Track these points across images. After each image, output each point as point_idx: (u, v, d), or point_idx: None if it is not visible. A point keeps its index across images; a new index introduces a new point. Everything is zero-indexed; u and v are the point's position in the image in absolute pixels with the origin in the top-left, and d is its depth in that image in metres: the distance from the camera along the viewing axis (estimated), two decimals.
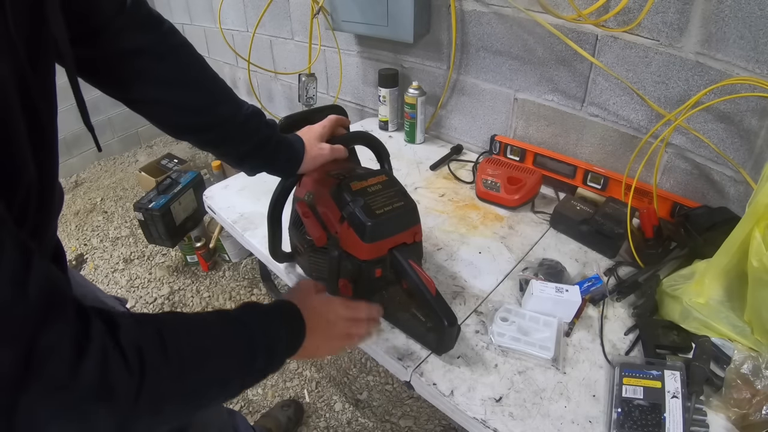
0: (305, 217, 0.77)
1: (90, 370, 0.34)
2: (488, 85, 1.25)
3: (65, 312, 0.34)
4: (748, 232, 0.64)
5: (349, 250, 0.73)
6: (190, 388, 0.42)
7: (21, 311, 0.31)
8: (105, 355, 0.35)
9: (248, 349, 0.49)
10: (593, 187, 1.10)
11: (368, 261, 0.72)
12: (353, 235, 0.71)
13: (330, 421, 1.41)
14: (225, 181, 1.23)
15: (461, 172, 1.26)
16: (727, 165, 0.92)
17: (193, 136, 0.67)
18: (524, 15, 1.06)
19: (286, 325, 0.56)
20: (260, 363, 0.50)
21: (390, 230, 0.72)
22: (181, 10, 2.35)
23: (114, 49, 0.56)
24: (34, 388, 0.32)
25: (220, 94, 0.67)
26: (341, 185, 0.73)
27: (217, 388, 0.47)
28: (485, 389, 0.69)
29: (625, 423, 0.62)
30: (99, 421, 0.36)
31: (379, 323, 0.72)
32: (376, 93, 1.44)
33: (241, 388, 0.50)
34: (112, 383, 0.35)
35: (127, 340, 0.37)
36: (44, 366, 0.32)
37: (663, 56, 0.92)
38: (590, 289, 0.83)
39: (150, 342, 0.39)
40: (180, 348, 0.41)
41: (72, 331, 0.34)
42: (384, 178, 0.77)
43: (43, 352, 0.32)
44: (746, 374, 0.64)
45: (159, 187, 1.83)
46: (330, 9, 1.41)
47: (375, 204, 0.71)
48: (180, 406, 0.42)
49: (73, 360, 0.33)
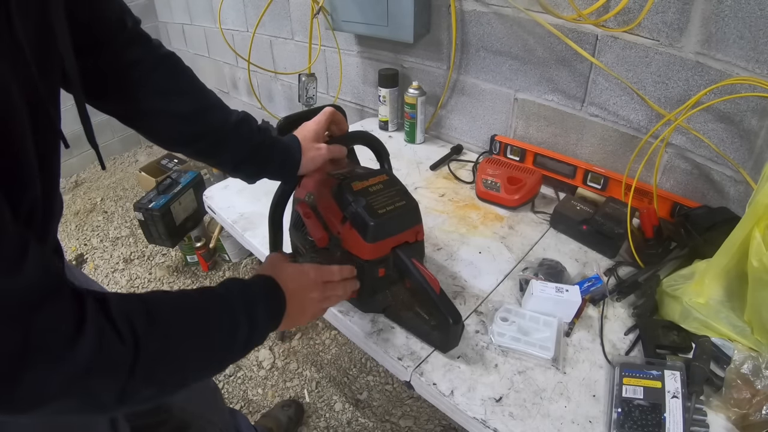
0: (307, 218, 0.77)
1: (87, 344, 0.35)
2: (488, 85, 1.25)
3: (61, 292, 0.36)
4: (748, 232, 0.64)
5: (352, 251, 0.73)
6: (179, 356, 0.44)
7: (19, 292, 0.33)
8: (100, 329, 0.37)
9: (231, 320, 0.50)
10: (593, 187, 1.10)
11: (371, 261, 0.72)
12: (356, 235, 0.71)
13: (330, 421, 1.41)
14: (225, 181, 1.23)
15: (461, 172, 1.26)
16: (727, 165, 0.92)
17: (187, 147, 0.67)
18: (524, 15, 1.06)
19: (266, 292, 0.57)
20: (243, 333, 0.51)
21: (392, 230, 0.73)
22: (181, 10, 2.35)
23: (115, 61, 0.58)
24: (35, 365, 0.33)
25: (210, 101, 0.67)
26: (342, 185, 0.73)
27: (204, 358, 0.48)
28: (485, 389, 0.69)
29: (626, 423, 0.62)
30: (99, 393, 0.38)
31: (354, 282, 0.72)
32: (376, 93, 1.44)
33: (227, 360, 0.52)
34: (109, 354, 0.37)
35: (118, 314, 0.39)
36: (44, 343, 0.34)
37: (663, 56, 0.92)
38: (590, 289, 0.83)
39: (137, 314, 0.41)
40: (166, 319, 0.44)
41: (69, 309, 0.36)
42: (385, 177, 0.77)
43: (42, 330, 0.34)
44: (746, 374, 0.64)
45: (159, 187, 1.83)
46: (330, 9, 1.41)
47: (377, 204, 0.71)
48: (171, 375, 0.44)
49: (71, 336, 0.35)
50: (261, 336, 0.54)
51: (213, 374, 0.55)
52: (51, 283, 0.36)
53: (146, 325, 0.40)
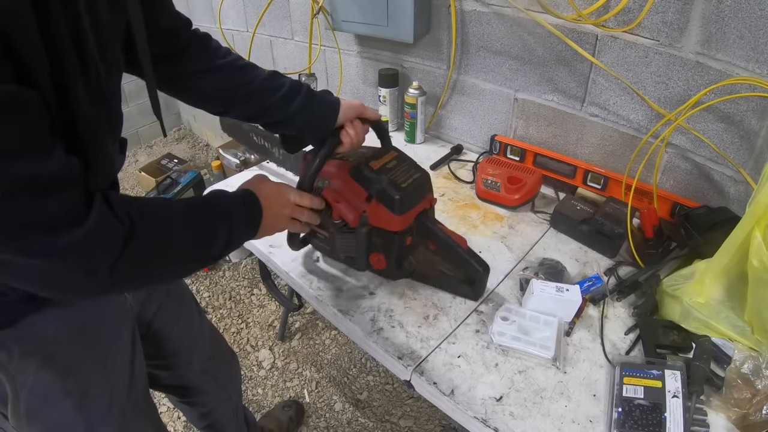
0: (337, 202, 0.80)
1: (91, 222, 0.44)
2: (488, 85, 1.25)
3: (76, 185, 0.45)
4: (748, 232, 0.64)
5: (381, 225, 0.78)
6: (165, 242, 0.53)
7: (44, 176, 0.41)
8: (102, 212, 0.46)
9: (213, 221, 0.58)
10: (593, 187, 1.10)
11: (401, 231, 0.78)
12: (384, 210, 0.76)
13: (330, 421, 1.41)
14: (225, 181, 1.23)
15: (461, 172, 1.26)
16: (727, 165, 0.92)
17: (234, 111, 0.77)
18: (524, 15, 1.06)
19: (246, 203, 0.64)
20: (222, 234, 0.58)
21: (415, 200, 0.79)
22: (181, 10, 2.35)
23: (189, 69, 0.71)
24: (48, 230, 0.42)
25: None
26: (361, 166, 0.77)
27: (187, 250, 0.56)
28: (486, 388, 0.69)
29: (626, 422, 0.62)
30: (95, 261, 0.45)
31: (317, 217, 0.77)
32: (376, 93, 1.44)
33: (207, 257, 0.59)
34: (108, 230, 0.46)
35: (117, 204, 0.48)
36: (57, 216, 0.42)
37: (663, 56, 0.92)
38: (590, 289, 0.83)
39: (133, 206, 0.50)
40: (156, 212, 0.53)
41: (79, 196, 0.44)
42: (395, 154, 0.83)
43: (56, 208, 0.42)
44: (746, 374, 0.64)
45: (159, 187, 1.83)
46: (330, 9, 1.41)
47: (398, 178, 0.77)
48: (158, 258, 0.52)
49: (80, 213, 0.44)
50: (239, 239, 0.62)
51: (195, 268, 0.62)
52: (70, 176, 0.44)
53: (140, 215, 0.49)
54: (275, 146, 1.15)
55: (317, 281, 0.90)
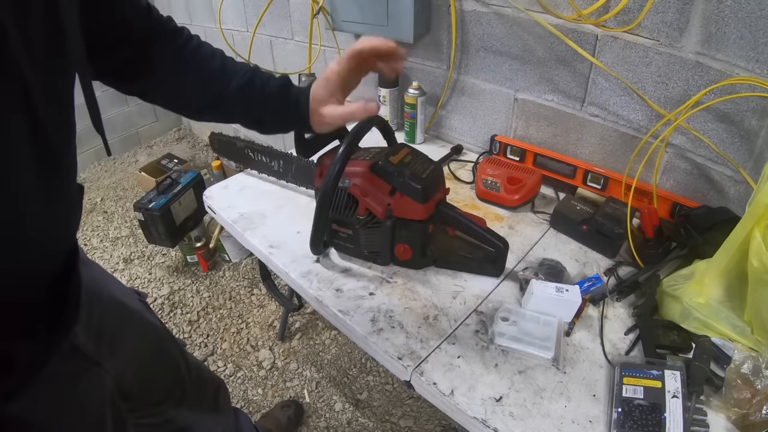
0: (365, 196, 0.83)
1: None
2: (488, 85, 1.25)
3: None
4: (748, 232, 0.64)
5: (406, 216, 0.83)
6: None
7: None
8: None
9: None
10: (593, 187, 1.10)
11: (425, 220, 0.83)
12: (409, 201, 0.81)
13: (330, 421, 1.41)
14: (225, 181, 1.23)
15: (461, 172, 1.26)
16: (727, 165, 0.92)
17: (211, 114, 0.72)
18: (524, 15, 1.06)
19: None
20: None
21: (435, 188, 0.84)
22: (181, 10, 2.36)
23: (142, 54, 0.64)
24: None
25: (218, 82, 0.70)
26: (381, 163, 0.82)
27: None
28: (485, 389, 0.69)
29: (626, 423, 0.62)
30: None
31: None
32: (376, 93, 1.44)
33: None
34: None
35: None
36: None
37: (663, 56, 0.92)
38: (590, 289, 0.83)
39: None
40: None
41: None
42: (408, 149, 0.88)
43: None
44: (746, 374, 0.64)
45: (159, 187, 1.83)
46: (330, 9, 1.41)
47: (417, 170, 0.82)
48: None
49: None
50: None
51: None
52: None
53: None
54: (274, 159, 1.14)
55: (317, 281, 0.90)
